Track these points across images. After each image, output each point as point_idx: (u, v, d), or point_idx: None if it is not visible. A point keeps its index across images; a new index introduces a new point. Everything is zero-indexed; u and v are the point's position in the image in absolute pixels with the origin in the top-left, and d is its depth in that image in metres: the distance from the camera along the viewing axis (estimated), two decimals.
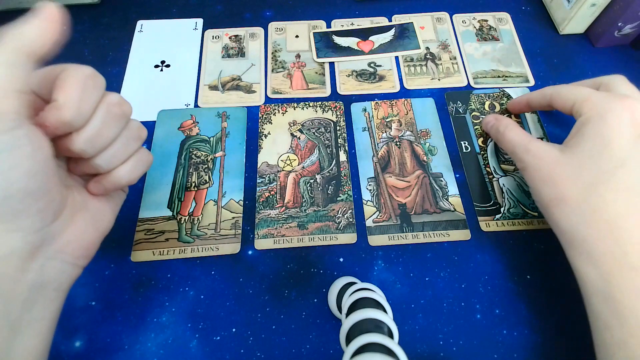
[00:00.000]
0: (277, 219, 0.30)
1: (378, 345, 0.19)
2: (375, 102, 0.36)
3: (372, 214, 0.31)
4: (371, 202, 0.31)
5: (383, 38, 0.40)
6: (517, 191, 0.31)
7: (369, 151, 0.33)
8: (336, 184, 0.32)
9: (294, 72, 0.38)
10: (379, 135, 0.34)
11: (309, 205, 0.31)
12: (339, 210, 0.31)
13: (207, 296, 0.28)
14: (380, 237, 0.30)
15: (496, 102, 0.36)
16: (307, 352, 0.26)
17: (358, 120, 0.35)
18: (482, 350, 0.26)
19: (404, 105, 0.36)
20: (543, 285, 0.28)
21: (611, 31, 0.37)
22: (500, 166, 0.32)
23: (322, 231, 0.30)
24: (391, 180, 0.32)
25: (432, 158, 0.33)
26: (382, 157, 0.33)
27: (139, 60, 0.39)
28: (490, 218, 0.30)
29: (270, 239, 0.30)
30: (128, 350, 0.26)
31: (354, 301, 0.22)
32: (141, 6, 0.42)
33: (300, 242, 0.30)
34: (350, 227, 0.30)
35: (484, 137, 0.34)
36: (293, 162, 0.33)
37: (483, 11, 0.42)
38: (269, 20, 0.41)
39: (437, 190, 0.32)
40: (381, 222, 0.30)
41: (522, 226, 0.30)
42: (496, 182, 0.32)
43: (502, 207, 0.31)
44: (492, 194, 0.31)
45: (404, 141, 0.34)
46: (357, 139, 0.34)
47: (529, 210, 0.31)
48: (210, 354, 0.26)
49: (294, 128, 0.35)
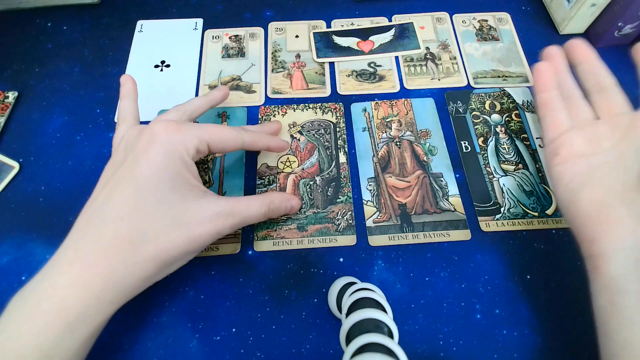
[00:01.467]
0: (277, 220, 0.30)
1: (378, 345, 0.19)
2: (375, 102, 0.36)
3: (372, 214, 0.31)
4: (371, 202, 0.31)
5: (383, 38, 0.40)
6: (517, 191, 0.31)
7: (369, 151, 0.33)
8: (336, 185, 0.32)
9: (294, 72, 0.38)
10: (379, 136, 0.34)
11: (309, 207, 0.31)
12: (338, 212, 0.31)
13: (207, 296, 0.28)
14: (381, 237, 0.30)
15: (497, 102, 0.36)
16: (307, 352, 0.26)
17: (358, 121, 0.35)
18: (482, 350, 0.26)
19: (404, 106, 0.36)
20: (543, 285, 0.28)
21: (611, 31, 0.37)
22: (500, 166, 0.32)
23: (321, 233, 0.30)
24: (391, 181, 0.32)
25: (432, 158, 0.33)
26: (382, 157, 0.33)
27: (139, 60, 0.39)
28: (490, 218, 0.30)
29: (270, 240, 0.30)
30: (128, 350, 0.26)
31: (354, 301, 0.22)
32: (141, 6, 0.42)
33: (299, 244, 0.30)
34: (350, 229, 0.30)
35: (484, 137, 0.34)
36: (293, 163, 0.33)
37: (483, 11, 0.42)
38: (269, 20, 0.41)
39: (437, 190, 0.32)
40: (381, 223, 0.30)
41: (522, 226, 0.30)
42: (496, 182, 0.32)
43: (502, 207, 0.31)
44: (492, 194, 0.31)
45: (404, 141, 0.34)
46: (357, 139, 0.34)
47: (529, 210, 0.31)
48: (210, 354, 0.26)
49: (294, 130, 0.35)
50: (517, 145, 0.33)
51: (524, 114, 0.35)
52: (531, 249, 0.29)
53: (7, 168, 0.32)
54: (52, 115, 0.35)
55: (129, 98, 0.29)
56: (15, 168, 0.32)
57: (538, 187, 0.32)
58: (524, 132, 0.34)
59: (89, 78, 0.37)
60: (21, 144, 0.34)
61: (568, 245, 0.29)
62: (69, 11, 0.41)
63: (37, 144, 0.34)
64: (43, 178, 0.32)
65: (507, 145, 0.34)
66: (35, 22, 0.41)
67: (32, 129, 0.35)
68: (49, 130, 0.35)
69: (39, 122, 0.35)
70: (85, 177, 0.32)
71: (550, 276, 0.28)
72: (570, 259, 0.29)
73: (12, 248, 0.29)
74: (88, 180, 0.32)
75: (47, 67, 0.38)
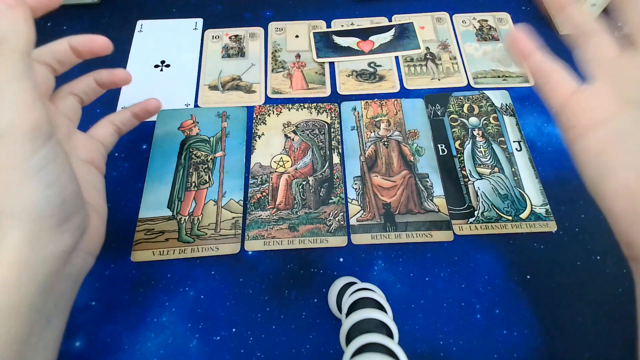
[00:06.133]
0: (268, 220, 0.30)
1: (378, 345, 0.19)
2: (365, 102, 0.36)
3: (356, 213, 0.31)
4: (356, 200, 0.31)
5: (383, 38, 0.40)
6: (492, 195, 0.31)
7: (357, 150, 0.33)
8: (328, 186, 0.32)
9: (294, 72, 0.38)
10: (367, 135, 0.34)
11: (301, 207, 0.31)
12: (330, 213, 0.31)
13: (207, 296, 0.28)
14: (363, 236, 0.30)
15: (475, 105, 0.36)
16: (307, 352, 0.26)
17: (347, 119, 0.35)
18: (482, 350, 0.26)
19: (394, 106, 0.36)
20: (543, 285, 0.28)
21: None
22: (476, 169, 0.32)
23: (312, 234, 0.30)
24: (377, 180, 0.32)
25: (419, 159, 0.33)
26: (370, 157, 0.33)
27: (139, 60, 0.39)
28: (463, 221, 0.30)
29: (261, 240, 0.30)
30: (128, 350, 0.26)
31: (354, 301, 0.22)
32: (141, 6, 0.42)
33: (290, 244, 0.29)
34: (341, 230, 0.30)
35: (461, 140, 0.34)
36: (286, 163, 0.33)
37: (483, 11, 0.42)
38: (269, 20, 0.41)
39: (422, 191, 0.31)
40: (364, 221, 0.30)
41: (495, 230, 0.30)
42: (471, 186, 0.32)
43: (476, 210, 0.31)
44: (467, 197, 0.31)
45: (392, 141, 0.34)
46: (345, 138, 0.34)
47: (502, 214, 0.30)
48: (210, 354, 0.26)
49: (288, 129, 0.34)
50: (493, 149, 0.33)
51: (502, 117, 0.35)
52: (531, 249, 0.29)
53: None
54: None
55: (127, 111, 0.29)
56: None
57: (513, 190, 0.31)
58: (502, 135, 0.34)
59: None
60: None
61: (567, 246, 0.29)
62: (69, 11, 0.41)
63: None
64: None
65: (484, 148, 0.33)
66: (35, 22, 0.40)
67: None
68: None
69: None
70: None
71: (550, 276, 0.28)
72: (571, 259, 0.29)
73: None
74: None
75: None
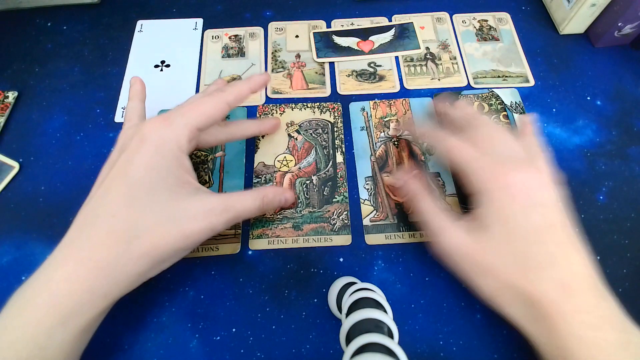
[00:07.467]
0: (272, 219, 0.30)
1: (378, 345, 0.19)
2: (374, 102, 0.36)
3: (369, 213, 0.31)
4: (368, 201, 0.31)
5: (383, 38, 0.40)
6: None
7: (367, 150, 0.33)
8: (332, 185, 0.32)
9: (294, 72, 0.38)
10: (377, 135, 0.34)
11: (305, 206, 0.31)
12: (334, 212, 0.31)
13: (207, 296, 0.28)
14: (377, 236, 0.30)
15: (485, 103, 0.36)
16: (307, 352, 0.26)
17: (356, 120, 0.35)
18: (482, 350, 0.26)
19: (403, 105, 0.36)
20: None
21: (611, 31, 0.37)
22: None
23: (316, 232, 0.30)
24: (388, 180, 0.32)
25: (429, 158, 0.33)
26: (380, 157, 0.33)
27: (139, 60, 0.39)
28: None
29: (265, 239, 0.30)
30: (128, 350, 0.26)
31: (354, 301, 0.22)
32: (141, 6, 0.42)
33: (294, 243, 0.30)
34: (345, 229, 0.30)
35: None
36: (290, 162, 0.33)
37: (483, 11, 0.42)
38: (269, 20, 0.41)
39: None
40: (378, 221, 0.30)
41: None
42: None
43: None
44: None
45: (402, 141, 0.34)
46: (355, 139, 0.34)
47: None
48: (210, 354, 0.26)
49: (292, 129, 0.35)
50: None
51: (512, 115, 0.35)
52: None
53: (7, 168, 0.32)
54: (52, 115, 0.35)
55: (136, 99, 0.30)
56: (15, 168, 0.32)
57: None
58: None
59: (89, 78, 0.37)
60: (21, 144, 0.34)
61: None
62: (69, 11, 0.41)
63: (37, 144, 0.34)
64: (43, 178, 0.32)
65: None
66: (35, 22, 0.40)
67: (32, 129, 0.35)
68: (48, 130, 0.35)
69: (39, 122, 0.35)
70: (85, 177, 0.32)
71: None
72: None
73: (12, 248, 0.29)
74: (88, 180, 0.32)
75: (47, 67, 0.38)
